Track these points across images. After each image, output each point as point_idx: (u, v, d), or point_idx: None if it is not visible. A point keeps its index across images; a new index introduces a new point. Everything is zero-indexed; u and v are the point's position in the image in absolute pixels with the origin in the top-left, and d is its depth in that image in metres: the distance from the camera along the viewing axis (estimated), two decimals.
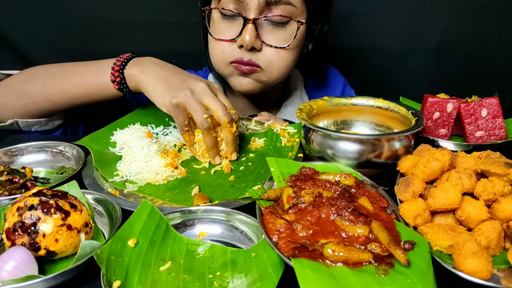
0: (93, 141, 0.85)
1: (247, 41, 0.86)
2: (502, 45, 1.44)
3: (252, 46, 0.88)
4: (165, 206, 0.66)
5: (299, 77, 1.18)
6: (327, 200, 0.57)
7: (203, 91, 0.76)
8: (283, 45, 0.91)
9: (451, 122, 0.88)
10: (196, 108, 0.75)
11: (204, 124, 0.75)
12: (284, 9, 0.87)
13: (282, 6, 0.86)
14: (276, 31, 0.90)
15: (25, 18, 1.41)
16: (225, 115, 0.76)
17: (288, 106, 1.11)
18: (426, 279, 0.44)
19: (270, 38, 0.90)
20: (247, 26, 0.86)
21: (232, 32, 0.90)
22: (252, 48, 0.89)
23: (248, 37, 0.86)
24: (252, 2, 0.85)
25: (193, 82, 0.78)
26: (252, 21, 0.86)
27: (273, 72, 0.94)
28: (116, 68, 0.84)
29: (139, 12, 1.43)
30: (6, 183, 0.70)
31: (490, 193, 0.56)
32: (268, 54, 0.91)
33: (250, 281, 0.50)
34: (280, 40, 0.90)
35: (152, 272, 0.51)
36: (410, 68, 1.51)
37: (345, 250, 0.47)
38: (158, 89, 0.79)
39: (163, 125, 0.96)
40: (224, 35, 0.91)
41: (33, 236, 0.50)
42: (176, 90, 0.77)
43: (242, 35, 0.87)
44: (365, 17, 1.44)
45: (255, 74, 0.94)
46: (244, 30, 0.87)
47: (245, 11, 0.87)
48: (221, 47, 0.92)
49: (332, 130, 0.75)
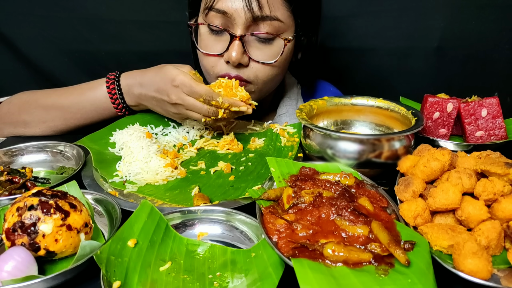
0: (92, 141, 0.85)
1: (234, 58, 0.86)
2: (502, 45, 1.44)
3: (239, 62, 0.87)
4: (165, 207, 0.66)
5: (295, 85, 1.15)
6: (327, 200, 0.57)
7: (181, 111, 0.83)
8: (270, 61, 0.90)
9: (451, 122, 0.88)
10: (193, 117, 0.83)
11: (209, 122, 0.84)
12: (271, 25, 0.86)
13: (269, 22, 0.85)
14: (263, 47, 0.89)
15: (26, 17, 1.41)
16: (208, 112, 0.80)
17: (283, 115, 1.09)
18: (426, 279, 0.44)
19: (257, 54, 0.89)
20: (234, 42, 0.86)
21: (220, 47, 0.89)
22: (239, 64, 0.88)
23: (234, 54, 0.85)
24: (239, 18, 0.84)
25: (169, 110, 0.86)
26: (238, 38, 0.85)
27: (259, 84, 0.93)
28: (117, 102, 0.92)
29: (140, 12, 1.43)
30: (6, 183, 0.70)
31: (490, 193, 0.56)
32: (255, 70, 0.90)
33: (250, 281, 0.50)
34: (267, 56, 0.89)
35: (152, 272, 0.51)
36: (410, 68, 1.51)
37: (345, 250, 0.47)
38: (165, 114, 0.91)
39: (162, 125, 0.96)
40: (211, 49, 0.90)
41: (32, 236, 0.50)
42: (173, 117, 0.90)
43: (229, 51, 0.86)
44: (365, 17, 1.43)
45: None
46: (230, 47, 0.86)
47: (232, 27, 0.86)
48: (210, 62, 0.92)
49: (332, 130, 0.75)
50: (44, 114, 0.94)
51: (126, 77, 0.91)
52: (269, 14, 0.84)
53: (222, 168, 0.80)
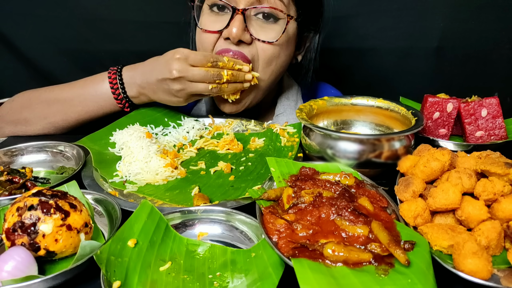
0: (92, 142, 0.85)
1: (234, 33, 0.83)
2: (502, 45, 1.44)
3: (239, 39, 0.85)
4: (165, 207, 0.66)
5: (294, 87, 1.14)
6: (327, 200, 0.57)
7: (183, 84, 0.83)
8: (272, 40, 0.88)
9: (451, 122, 0.88)
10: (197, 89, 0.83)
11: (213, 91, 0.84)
12: (274, 4, 0.86)
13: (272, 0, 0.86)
14: (266, 26, 0.88)
15: (26, 17, 1.41)
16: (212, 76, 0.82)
17: (280, 115, 1.09)
18: (426, 279, 0.44)
19: (259, 32, 0.87)
20: (235, 17, 0.84)
21: (220, 24, 0.87)
22: (240, 41, 0.86)
23: (235, 30, 0.83)
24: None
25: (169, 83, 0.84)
26: (240, 12, 0.84)
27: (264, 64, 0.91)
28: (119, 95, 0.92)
29: (140, 12, 1.43)
30: (6, 183, 0.70)
31: (490, 193, 0.56)
32: (256, 48, 0.89)
33: (250, 281, 0.50)
34: (270, 35, 0.88)
35: (152, 273, 0.51)
36: (410, 68, 1.51)
37: (345, 250, 0.47)
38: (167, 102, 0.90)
39: (162, 125, 0.96)
40: (211, 26, 0.88)
41: (32, 236, 0.50)
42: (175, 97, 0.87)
43: (229, 27, 0.84)
44: (365, 17, 1.44)
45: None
46: (231, 22, 0.84)
47: (234, 1, 0.86)
48: (209, 39, 0.90)
49: (332, 130, 0.75)
50: (46, 108, 0.94)
51: (128, 69, 0.92)
52: None
53: (222, 168, 0.80)
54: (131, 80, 0.90)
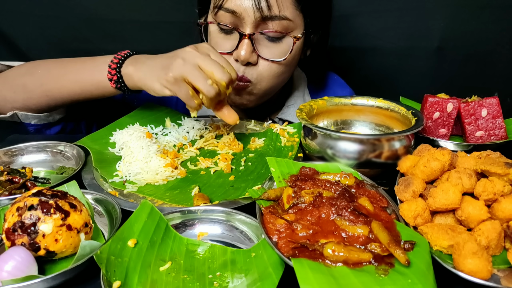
0: (93, 141, 0.85)
1: (243, 56, 0.87)
2: (503, 45, 1.44)
3: (248, 61, 0.88)
4: (165, 207, 0.66)
5: (303, 78, 1.17)
6: (327, 200, 0.57)
7: (193, 55, 0.72)
8: (279, 59, 0.90)
9: (451, 122, 0.88)
10: (196, 75, 0.70)
11: (210, 91, 0.70)
12: (280, 24, 0.86)
13: (278, 22, 0.86)
14: (272, 45, 0.90)
15: (26, 17, 1.41)
16: (223, 75, 0.71)
17: (291, 106, 1.11)
18: (426, 279, 0.44)
19: (266, 52, 0.90)
20: (243, 41, 0.87)
21: (229, 45, 0.90)
22: (248, 63, 0.89)
23: (243, 53, 0.86)
24: (248, 17, 0.85)
25: (180, 51, 0.74)
26: (248, 37, 0.86)
27: (262, 84, 0.94)
28: (113, 66, 0.82)
29: (140, 12, 1.43)
30: (6, 183, 0.70)
31: (490, 193, 0.56)
32: (260, 68, 0.91)
33: (250, 281, 0.50)
34: (276, 54, 0.90)
35: (152, 272, 0.51)
36: (410, 68, 1.51)
37: (345, 250, 0.47)
38: (153, 75, 0.76)
39: (162, 125, 0.96)
40: (221, 47, 0.91)
41: (33, 236, 0.50)
42: (168, 66, 0.73)
43: (238, 50, 0.87)
44: (365, 17, 1.44)
45: (247, 90, 0.94)
46: (240, 45, 0.87)
47: (241, 26, 0.87)
48: None
49: (332, 130, 0.75)
50: (44, 74, 0.90)
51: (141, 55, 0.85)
52: (278, 13, 0.85)
53: (222, 168, 0.80)
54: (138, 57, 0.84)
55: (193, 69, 0.71)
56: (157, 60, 0.79)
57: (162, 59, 0.78)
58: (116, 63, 0.83)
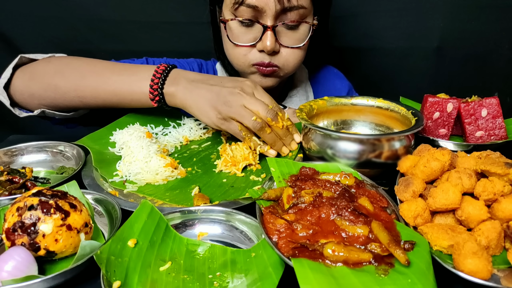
0: (93, 141, 0.85)
1: (269, 47, 0.92)
2: (502, 45, 1.44)
3: (273, 50, 0.94)
4: (165, 207, 0.66)
5: (304, 70, 1.22)
6: (327, 200, 0.57)
7: (241, 98, 0.78)
8: (299, 45, 0.97)
9: (451, 122, 0.88)
10: (243, 114, 0.77)
11: (256, 126, 0.77)
12: (298, 13, 0.92)
13: (296, 11, 0.91)
14: (291, 33, 0.95)
15: (26, 17, 1.42)
16: (267, 113, 0.77)
17: (294, 96, 1.17)
18: (426, 279, 0.44)
19: (286, 40, 0.95)
20: (267, 33, 0.91)
21: (251, 36, 0.94)
22: (273, 52, 0.95)
23: (269, 43, 0.91)
24: (269, 10, 0.89)
25: (227, 93, 0.79)
26: (271, 28, 0.91)
27: (289, 68, 1.00)
28: (154, 87, 0.82)
29: (140, 12, 1.43)
30: (6, 183, 0.70)
31: (490, 193, 0.56)
32: (284, 54, 0.97)
33: (250, 281, 0.50)
34: (295, 40, 0.96)
35: (152, 272, 0.51)
36: (410, 68, 1.52)
37: (345, 250, 0.47)
38: (202, 112, 0.80)
39: (162, 125, 0.96)
40: (243, 40, 0.95)
41: (32, 236, 0.50)
42: (218, 107, 0.78)
43: (263, 41, 0.92)
44: (365, 17, 1.44)
45: (274, 74, 1.00)
46: (264, 37, 0.92)
47: (262, 18, 0.91)
48: (242, 51, 0.97)
49: (332, 130, 0.75)
50: (78, 80, 0.87)
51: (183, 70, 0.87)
52: (296, 4, 0.89)
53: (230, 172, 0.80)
54: (177, 75, 0.84)
55: (240, 110, 0.77)
56: (201, 92, 0.80)
57: (208, 93, 0.80)
58: (157, 83, 0.82)
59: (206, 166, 0.82)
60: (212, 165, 0.82)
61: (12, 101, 0.91)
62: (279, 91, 1.18)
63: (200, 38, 1.10)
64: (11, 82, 0.90)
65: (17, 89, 0.90)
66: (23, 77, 0.90)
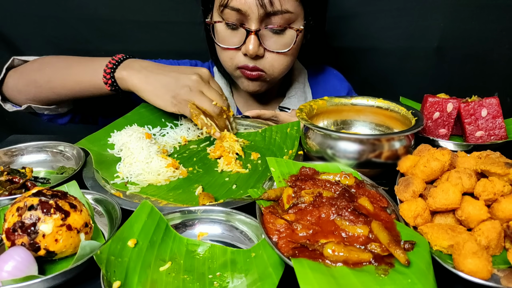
0: (91, 143, 0.84)
1: (251, 50, 0.92)
2: (502, 45, 1.44)
3: (256, 54, 0.94)
4: (166, 206, 0.66)
5: (303, 70, 1.21)
6: (327, 200, 0.57)
7: (198, 84, 0.86)
8: (284, 50, 0.96)
9: (451, 122, 0.88)
10: (202, 99, 0.85)
11: (215, 110, 0.86)
12: (283, 18, 0.91)
13: (281, 15, 0.91)
14: (277, 37, 0.95)
15: (26, 17, 1.41)
16: (223, 102, 0.88)
17: (292, 97, 1.16)
18: (426, 279, 0.44)
19: (271, 44, 0.95)
20: (250, 36, 0.92)
21: (236, 40, 0.95)
22: (256, 56, 0.95)
23: (251, 47, 0.92)
24: (253, 14, 0.89)
25: (186, 78, 0.86)
26: (254, 33, 0.91)
27: (275, 73, 1.00)
28: (107, 71, 0.88)
29: (140, 12, 1.43)
30: (6, 183, 0.70)
31: (490, 193, 0.56)
32: (270, 59, 0.97)
33: (250, 281, 0.50)
34: (280, 45, 0.96)
35: (152, 273, 0.51)
36: (410, 68, 1.51)
37: (345, 250, 0.47)
38: (158, 95, 0.86)
39: (159, 125, 0.96)
40: (228, 43, 0.97)
41: (32, 236, 0.50)
42: (175, 90, 0.85)
43: (246, 45, 0.93)
44: (365, 17, 1.43)
45: (261, 79, 1.00)
46: (247, 41, 0.92)
47: (246, 22, 0.92)
48: (228, 54, 0.99)
49: (332, 130, 0.75)
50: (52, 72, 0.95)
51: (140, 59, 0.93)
52: (280, 8, 0.89)
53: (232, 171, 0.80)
54: (131, 62, 0.90)
55: (199, 96, 0.85)
56: (158, 77, 0.87)
57: (164, 77, 0.86)
58: (111, 68, 0.88)
59: (206, 165, 0.82)
60: (213, 165, 0.82)
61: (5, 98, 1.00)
62: (276, 92, 1.17)
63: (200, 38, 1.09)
64: (4, 81, 0.99)
65: (9, 86, 0.98)
66: (14, 76, 0.98)
